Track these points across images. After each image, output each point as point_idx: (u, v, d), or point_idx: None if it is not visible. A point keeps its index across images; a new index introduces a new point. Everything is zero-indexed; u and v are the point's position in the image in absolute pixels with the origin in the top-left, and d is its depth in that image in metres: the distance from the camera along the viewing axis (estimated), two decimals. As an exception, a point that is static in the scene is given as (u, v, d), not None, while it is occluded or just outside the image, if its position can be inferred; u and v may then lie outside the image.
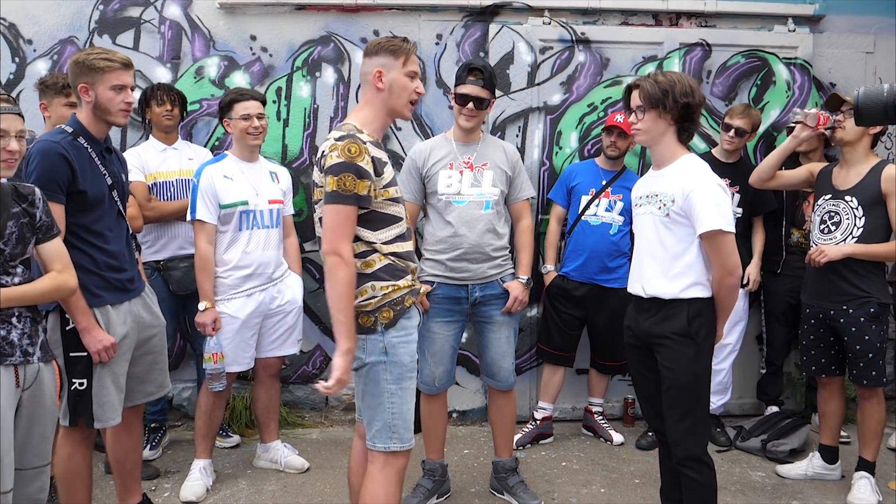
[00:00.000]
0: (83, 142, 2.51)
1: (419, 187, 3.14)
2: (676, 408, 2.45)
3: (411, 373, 2.27)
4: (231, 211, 3.22)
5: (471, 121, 3.06)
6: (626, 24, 4.19)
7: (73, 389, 2.50)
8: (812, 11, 4.21)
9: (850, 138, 3.17)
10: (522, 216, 3.26)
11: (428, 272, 3.10)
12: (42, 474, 2.16)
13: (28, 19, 3.98)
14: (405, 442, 2.26)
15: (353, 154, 2.13)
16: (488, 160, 3.11)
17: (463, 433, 4.06)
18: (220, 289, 3.24)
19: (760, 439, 3.75)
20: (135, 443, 2.83)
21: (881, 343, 3.15)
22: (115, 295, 2.56)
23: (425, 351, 3.11)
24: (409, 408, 2.27)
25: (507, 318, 3.14)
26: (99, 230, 2.53)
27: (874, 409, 3.20)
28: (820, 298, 3.22)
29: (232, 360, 3.26)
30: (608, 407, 4.17)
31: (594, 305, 3.81)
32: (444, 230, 3.07)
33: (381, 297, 2.21)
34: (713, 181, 2.40)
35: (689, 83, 2.42)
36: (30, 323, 2.14)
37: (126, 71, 2.52)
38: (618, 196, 3.79)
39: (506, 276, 3.14)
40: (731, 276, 2.40)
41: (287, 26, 4.08)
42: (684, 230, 2.42)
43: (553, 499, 3.28)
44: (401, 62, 2.26)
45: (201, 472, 3.28)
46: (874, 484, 3.20)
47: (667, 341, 2.45)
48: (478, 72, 3.04)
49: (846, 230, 3.15)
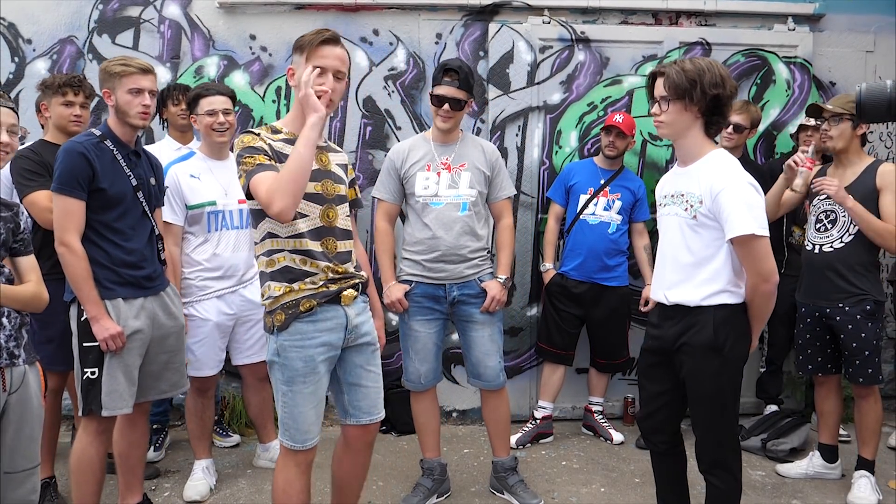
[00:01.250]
0: (109, 144, 2.63)
1: (398, 188, 3.14)
2: (702, 418, 2.34)
3: (306, 377, 2.21)
4: (199, 212, 3.13)
5: (447, 122, 3.04)
6: (625, 23, 4.19)
7: (86, 378, 2.59)
8: (812, 10, 4.21)
9: (840, 144, 3.17)
10: (503, 215, 3.23)
11: (406, 272, 3.12)
12: (32, 476, 2.16)
13: (27, 19, 3.99)
14: (296, 442, 2.25)
15: (244, 142, 2.17)
16: (466, 161, 3.10)
17: (463, 432, 4.06)
18: (188, 290, 3.16)
19: (760, 438, 3.75)
20: (139, 439, 2.85)
21: (877, 341, 3.15)
22: (128, 290, 2.63)
23: (409, 349, 3.14)
24: (301, 411, 2.23)
25: (487, 316, 3.12)
26: (120, 228, 2.62)
27: (871, 407, 3.20)
28: (816, 297, 3.22)
29: (203, 363, 3.21)
30: (609, 406, 4.17)
31: (593, 303, 3.81)
32: (422, 232, 3.07)
33: (274, 298, 2.22)
34: (745, 180, 2.20)
35: (720, 72, 2.21)
36: (17, 324, 2.14)
37: (143, 75, 2.63)
38: (616, 195, 3.79)
39: (483, 275, 3.13)
40: (767, 283, 2.22)
41: (286, 25, 4.08)
42: (713, 233, 2.24)
43: (553, 498, 3.28)
44: (304, 58, 2.20)
45: (204, 472, 3.29)
46: (874, 483, 3.20)
47: (690, 350, 2.29)
48: (453, 72, 3.00)
49: (842, 227, 3.15)
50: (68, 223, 2.51)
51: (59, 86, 3.03)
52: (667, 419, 2.50)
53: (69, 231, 2.51)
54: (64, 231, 2.51)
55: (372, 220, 4.04)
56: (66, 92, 3.02)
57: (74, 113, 3.04)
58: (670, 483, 2.57)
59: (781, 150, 4.17)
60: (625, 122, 3.74)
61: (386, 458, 3.70)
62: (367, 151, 4.16)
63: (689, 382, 2.34)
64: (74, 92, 3.04)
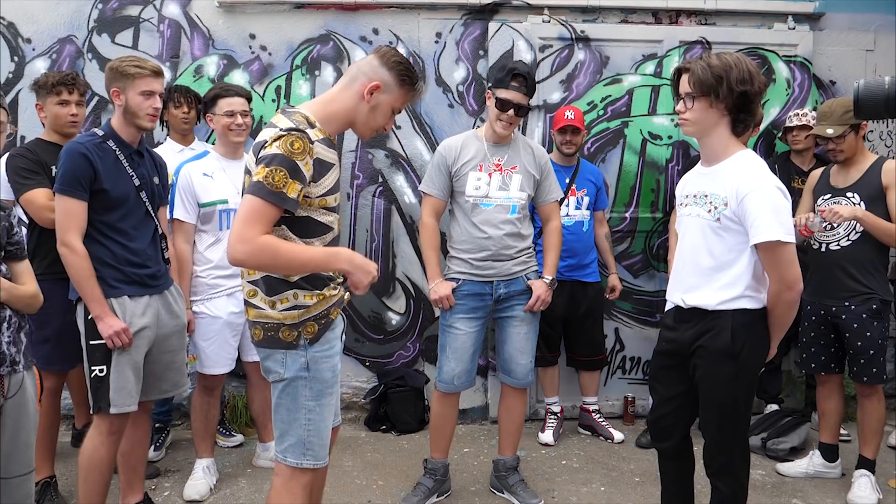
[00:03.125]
0: (112, 144, 2.62)
1: (447, 184, 3.10)
2: (713, 423, 2.30)
3: (331, 388, 2.12)
4: (211, 210, 3.16)
5: (508, 128, 3.02)
6: (625, 21, 4.19)
7: (94, 376, 2.59)
8: (812, 9, 4.21)
9: (850, 153, 3.17)
10: (551, 218, 3.22)
11: (454, 269, 3.09)
12: (28, 481, 2.15)
13: (27, 18, 3.98)
14: (319, 460, 2.11)
15: (294, 150, 1.88)
16: (518, 164, 3.08)
17: (463, 432, 4.06)
18: (199, 288, 3.19)
19: (760, 437, 3.74)
20: (141, 438, 2.86)
21: (882, 340, 3.14)
22: (133, 288, 2.64)
23: (446, 347, 3.10)
24: (326, 425, 2.12)
25: (528, 315, 3.12)
26: (123, 228, 2.62)
27: (874, 406, 3.20)
28: (822, 295, 3.22)
29: (214, 361, 3.23)
30: (609, 406, 4.17)
31: (573, 301, 3.85)
32: (470, 231, 3.05)
33: (304, 309, 2.05)
34: (772, 183, 2.12)
35: (748, 67, 2.11)
36: (17, 329, 2.12)
37: (156, 78, 2.63)
38: (583, 191, 3.86)
39: (530, 273, 3.13)
40: (792, 291, 2.14)
41: (286, 25, 4.07)
42: (736, 238, 2.17)
43: (553, 497, 3.28)
44: (403, 92, 2.08)
45: (204, 471, 3.28)
46: (874, 482, 3.19)
47: (706, 354, 2.23)
48: (522, 78, 2.95)
49: (849, 225, 3.15)
50: (70, 224, 2.52)
51: (52, 85, 3.00)
52: (677, 423, 2.47)
53: (71, 231, 2.51)
54: (65, 231, 2.52)
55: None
56: (61, 91, 3.01)
57: (71, 112, 3.02)
58: (676, 486, 2.55)
59: (781, 149, 4.17)
60: (577, 118, 3.77)
61: (386, 457, 3.70)
62: (366, 151, 4.15)
63: (702, 386, 2.29)
64: (69, 90, 3.02)
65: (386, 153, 4.15)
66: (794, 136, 3.88)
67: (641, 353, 4.25)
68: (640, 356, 4.26)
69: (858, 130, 3.15)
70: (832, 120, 3.14)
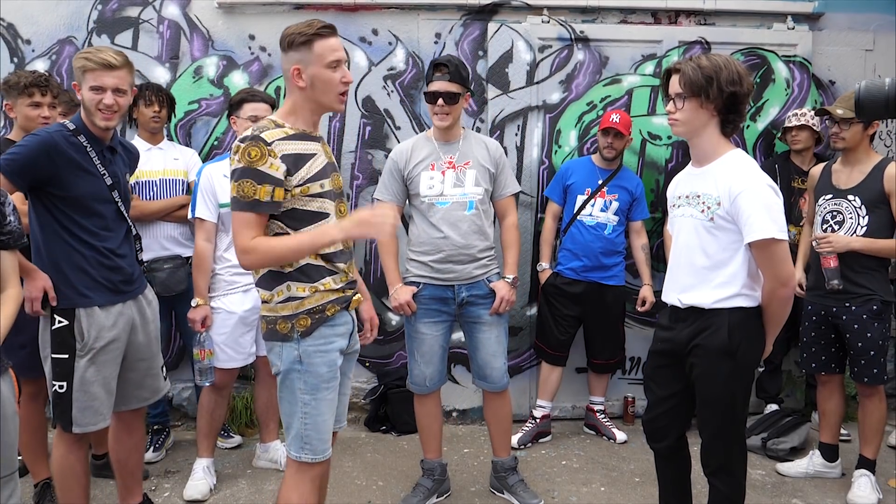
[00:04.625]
0: (82, 140, 2.48)
1: (401, 189, 3.10)
2: (710, 422, 2.31)
3: (329, 383, 2.14)
4: (228, 210, 3.20)
5: (445, 119, 2.99)
6: (624, 22, 4.19)
7: (54, 391, 2.49)
8: (811, 9, 4.21)
9: (851, 144, 3.17)
10: (508, 213, 3.20)
11: (413, 273, 3.08)
12: (11, 482, 2.12)
13: (26, 19, 3.98)
14: (318, 454, 2.15)
15: (252, 158, 2.00)
16: (471, 158, 3.06)
17: (463, 432, 4.06)
18: (217, 285, 3.26)
19: (760, 437, 3.74)
20: (136, 444, 2.83)
21: (883, 341, 3.14)
22: (104, 295, 2.52)
23: (415, 351, 3.11)
24: (325, 419, 2.14)
25: (495, 317, 3.10)
26: (93, 229, 2.49)
27: (875, 406, 3.20)
28: (823, 296, 3.21)
29: (228, 356, 3.27)
30: (609, 406, 4.17)
31: (590, 303, 3.82)
32: (428, 232, 3.04)
33: (298, 301, 2.10)
34: (763, 181, 2.15)
35: (737, 69, 2.15)
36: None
37: (106, 72, 2.42)
38: (613, 196, 3.79)
39: (492, 275, 3.11)
40: (785, 288, 2.17)
41: (286, 25, 4.01)
42: (730, 237, 2.20)
43: (553, 497, 3.28)
44: (318, 48, 2.09)
45: (205, 472, 3.29)
46: (874, 482, 3.19)
47: (702, 352, 2.25)
48: (443, 66, 2.95)
49: (850, 229, 3.15)
50: None
51: (25, 86, 2.91)
52: (673, 422, 2.47)
53: None
54: None
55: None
56: (34, 93, 2.92)
57: (42, 115, 2.93)
58: (674, 486, 2.56)
59: (781, 149, 4.17)
60: (622, 122, 3.73)
61: (386, 458, 3.70)
62: (366, 151, 4.15)
63: (699, 385, 2.30)
64: (42, 92, 2.93)
65: (385, 153, 4.15)
66: (793, 136, 3.88)
67: (641, 354, 4.24)
68: (640, 356, 4.25)
69: (867, 126, 3.15)
70: (844, 104, 3.14)
